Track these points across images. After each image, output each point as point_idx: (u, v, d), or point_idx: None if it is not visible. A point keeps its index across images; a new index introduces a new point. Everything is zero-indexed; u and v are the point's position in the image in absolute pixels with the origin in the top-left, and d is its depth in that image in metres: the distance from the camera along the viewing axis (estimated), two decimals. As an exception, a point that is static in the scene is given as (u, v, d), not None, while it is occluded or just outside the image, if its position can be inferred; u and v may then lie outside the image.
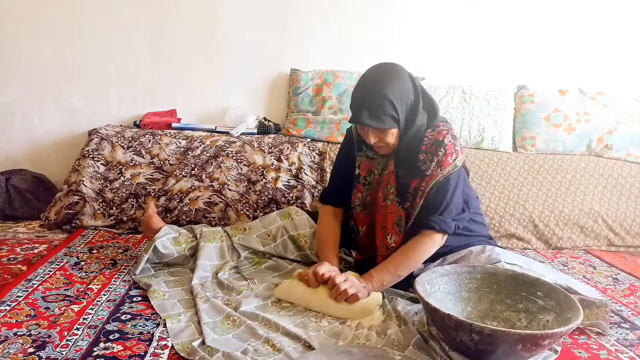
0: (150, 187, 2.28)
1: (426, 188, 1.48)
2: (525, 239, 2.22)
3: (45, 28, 2.60)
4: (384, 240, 1.56)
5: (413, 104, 1.50)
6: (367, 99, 1.46)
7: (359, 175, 1.66)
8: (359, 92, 1.50)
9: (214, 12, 2.67)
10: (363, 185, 1.65)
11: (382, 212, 1.58)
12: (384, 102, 1.44)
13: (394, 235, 1.54)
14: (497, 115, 2.62)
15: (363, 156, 1.66)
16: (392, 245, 1.54)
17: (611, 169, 2.41)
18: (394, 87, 1.46)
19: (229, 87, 2.75)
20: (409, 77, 1.51)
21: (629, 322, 1.50)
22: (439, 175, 1.47)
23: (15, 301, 1.43)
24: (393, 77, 1.48)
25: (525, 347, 1.11)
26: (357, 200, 1.66)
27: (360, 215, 1.66)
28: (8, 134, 2.67)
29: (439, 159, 1.47)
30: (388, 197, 1.56)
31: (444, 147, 1.48)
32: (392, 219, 1.55)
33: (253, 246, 1.77)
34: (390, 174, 1.57)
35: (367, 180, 1.64)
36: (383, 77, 1.48)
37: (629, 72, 2.83)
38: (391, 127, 1.47)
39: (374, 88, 1.46)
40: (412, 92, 1.50)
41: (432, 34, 2.74)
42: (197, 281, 1.59)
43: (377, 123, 1.45)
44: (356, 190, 1.66)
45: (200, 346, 1.22)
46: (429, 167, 1.49)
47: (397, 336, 1.29)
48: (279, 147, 2.38)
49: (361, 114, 1.46)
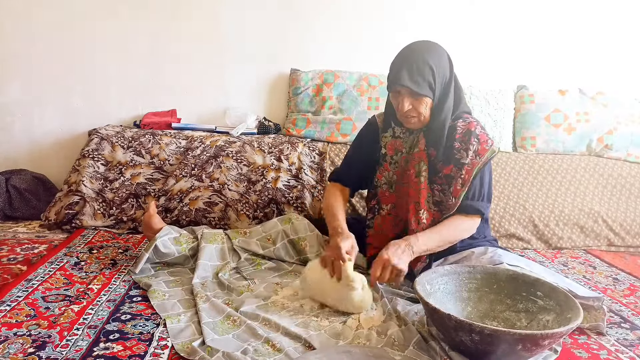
0: (150, 187, 2.28)
1: (468, 177, 1.53)
2: (525, 239, 2.22)
3: (45, 28, 2.60)
4: (417, 215, 1.58)
5: (447, 82, 1.56)
6: (408, 61, 1.51)
7: (386, 154, 1.69)
8: (401, 56, 1.55)
9: (214, 12, 2.67)
10: (390, 164, 1.68)
11: (415, 188, 1.60)
12: (424, 67, 1.50)
13: (426, 211, 1.57)
14: (497, 115, 2.62)
15: (389, 136, 1.69)
16: (424, 221, 1.57)
17: (611, 169, 2.41)
18: (435, 57, 1.53)
19: (229, 87, 2.75)
20: (447, 56, 1.58)
21: (629, 322, 1.50)
22: (479, 162, 1.54)
23: (15, 301, 1.43)
24: (435, 50, 1.55)
25: (525, 347, 1.11)
26: (383, 178, 1.69)
27: (385, 194, 1.69)
28: (8, 134, 2.67)
29: (475, 148, 1.54)
30: (421, 174, 1.60)
31: (476, 137, 1.55)
32: (425, 195, 1.58)
33: (253, 249, 1.77)
34: (421, 152, 1.60)
35: (393, 159, 1.68)
36: (425, 47, 1.55)
37: (629, 72, 2.83)
38: (427, 94, 1.51)
39: (416, 53, 1.52)
40: (449, 70, 1.57)
41: (432, 34, 2.71)
42: (198, 280, 1.59)
43: (415, 86, 1.49)
44: (382, 169, 1.69)
45: (200, 346, 1.22)
46: (464, 156, 1.54)
47: (398, 336, 1.29)
48: (279, 147, 2.38)
49: (401, 75, 1.50)
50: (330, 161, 2.35)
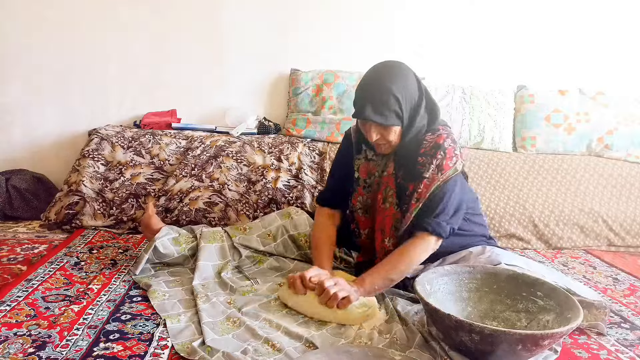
0: (150, 187, 2.28)
1: (425, 192, 1.45)
2: (525, 239, 2.22)
3: (45, 28, 2.60)
4: (382, 243, 1.55)
5: (416, 103, 1.49)
6: (372, 93, 1.44)
7: (359, 178, 1.63)
8: (364, 87, 1.48)
9: (214, 12, 2.67)
10: (363, 188, 1.63)
11: (381, 215, 1.56)
12: (388, 98, 1.43)
13: (392, 238, 1.53)
14: (497, 116, 2.62)
15: (362, 158, 1.64)
16: (390, 248, 1.52)
17: (611, 169, 2.41)
18: (399, 84, 1.45)
19: (229, 87, 2.75)
20: (413, 76, 1.50)
21: (629, 322, 1.50)
22: (439, 179, 1.45)
23: (15, 301, 1.43)
24: (398, 74, 1.47)
25: (525, 347, 1.11)
26: (357, 203, 1.64)
27: (361, 219, 1.64)
28: (8, 134, 2.67)
29: (438, 162, 1.46)
30: (387, 200, 1.55)
31: (443, 151, 1.46)
32: (390, 221, 1.53)
33: (253, 246, 1.77)
34: (389, 176, 1.56)
35: (367, 182, 1.63)
36: (388, 73, 1.46)
37: (629, 72, 2.83)
38: (394, 124, 1.45)
39: (379, 83, 1.45)
40: (417, 90, 1.49)
41: (432, 34, 2.74)
42: (198, 281, 1.59)
43: (380, 118, 1.43)
44: (356, 193, 1.64)
45: (200, 346, 1.22)
46: (427, 169, 1.47)
47: (401, 336, 1.29)
48: (279, 147, 2.38)
49: (365, 109, 1.44)
50: (330, 161, 2.35)
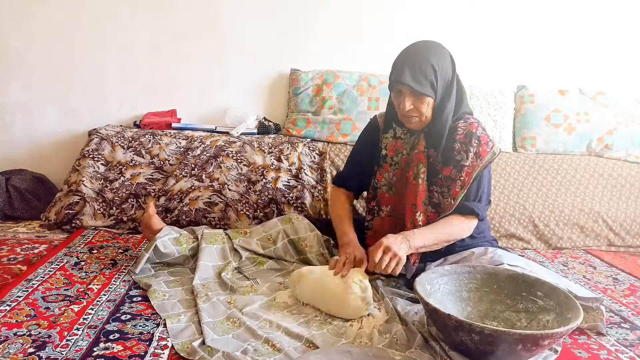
0: (150, 187, 2.28)
1: (468, 179, 1.52)
2: (525, 239, 2.22)
3: (45, 28, 2.60)
4: (413, 217, 1.57)
5: (449, 82, 1.55)
6: (411, 60, 1.50)
7: (386, 155, 1.68)
8: (403, 55, 1.54)
9: (215, 12, 2.67)
10: (390, 165, 1.67)
11: (413, 190, 1.59)
12: (426, 66, 1.48)
13: (422, 213, 1.56)
14: (497, 116, 2.62)
15: (389, 137, 1.69)
16: (419, 224, 1.55)
17: (611, 169, 2.41)
18: (438, 57, 1.52)
19: (229, 87, 2.75)
20: (450, 57, 1.57)
21: (629, 322, 1.50)
22: (479, 165, 1.52)
23: (15, 301, 1.43)
24: (437, 50, 1.54)
25: (525, 347, 1.11)
26: (383, 180, 1.68)
27: (385, 195, 1.68)
28: (8, 134, 2.66)
29: (475, 150, 1.53)
30: (419, 176, 1.58)
31: (477, 139, 1.53)
32: (422, 197, 1.57)
33: (253, 249, 1.77)
34: (420, 153, 1.59)
35: (394, 160, 1.67)
36: (428, 46, 1.54)
37: (629, 72, 2.83)
38: (429, 94, 1.50)
39: (418, 53, 1.51)
40: (451, 70, 1.56)
41: (433, 34, 2.71)
42: (199, 281, 1.59)
43: (417, 85, 1.48)
44: (382, 170, 1.69)
45: (200, 346, 1.22)
46: (464, 157, 1.53)
47: (401, 336, 1.29)
48: (279, 147, 2.38)
49: (403, 73, 1.48)
50: (330, 161, 2.35)
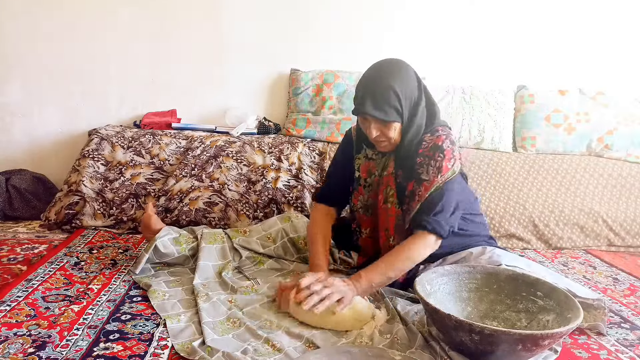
0: (150, 187, 2.28)
1: (424, 193, 1.45)
2: (525, 239, 2.22)
3: (45, 28, 2.60)
4: (387, 242, 1.55)
5: (416, 101, 1.49)
6: (372, 89, 1.46)
7: (359, 177, 1.64)
8: (364, 83, 1.49)
9: (215, 12, 2.67)
10: (364, 187, 1.64)
11: (384, 215, 1.57)
12: (388, 93, 1.44)
13: (395, 237, 1.53)
14: (497, 116, 2.62)
15: (362, 157, 1.65)
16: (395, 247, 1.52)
17: (611, 169, 2.41)
18: (400, 80, 1.46)
19: (229, 87, 2.75)
20: (414, 74, 1.51)
21: (629, 322, 1.50)
22: (438, 181, 1.45)
23: (15, 301, 1.43)
24: (399, 71, 1.48)
25: (525, 347, 1.11)
26: (358, 203, 1.65)
27: (363, 218, 1.65)
28: (8, 134, 2.67)
29: (438, 164, 1.46)
30: (388, 200, 1.55)
31: (442, 152, 1.47)
32: (393, 221, 1.54)
33: (253, 248, 1.77)
34: (389, 176, 1.56)
35: (367, 182, 1.63)
36: (389, 70, 1.48)
37: (629, 72, 2.83)
38: (394, 119, 1.46)
39: (379, 79, 1.46)
40: (417, 88, 1.50)
41: (433, 34, 2.73)
42: (199, 281, 1.59)
43: (380, 114, 1.44)
44: (357, 192, 1.65)
45: (200, 346, 1.22)
46: (426, 171, 1.47)
47: (402, 336, 1.29)
48: (279, 147, 2.38)
49: (365, 104, 1.45)
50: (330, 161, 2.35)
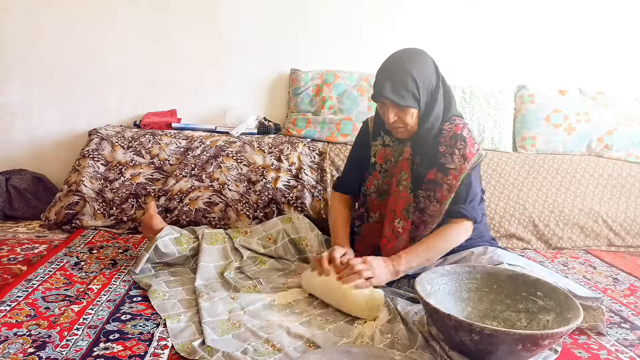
0: (150, 187, 2.28)
1: (455, 182, 1.50)
2: (525, 239, 2.22)
3: (45, 28, 2.60)
4: (392, 223, 1.58)
5: (434, 89, 1.53)
6: (391, 74, 1.50)
7: (375, 163, 1.68)
8: (383, 68, 1.54)
9: (214, 12, 2.67)
10: (379, 172, 1.67)
11: (395, 197, 1.60)
12: (407, 79, 1.48)
13: (402, 220, 1.56)
14: (497, 116, 2.62)
15: (379, 144, 1.68)
16: (399, 230, 1.55)
17: (611, 169, 2.41)
18: (418, 67, 1.50)
19: (229, 87, 2.75)
20: (432, 63, 1.55)
21: (629, 322, 1.50)
22: (466, 167, 1.50)
23: (15, 301, 1.43)
24: (418, 59, 1.52)
25: (525, 347, 1.11)
26: (372, 187, 1.68)
27: (374, 202, 1.67)
28: (8, 134, 2.67)
29: (461, 152, 1.51)
30: (401, 183, 1.58)
31: (463, 140, 1.52)
32: (403, 204, 1.57)
33: (254, 248, 1.78)
34: (404, 161, 1.59)
35: (383, 167, 1.67)
36: (408, 57, 1.52)
37: (629, 72, 2.83)
38: (411, 105, 1.49)
39: (398, 65, 1.50)
40: (435, 77, 1.54)
41: (433, 34, 2.73)
42: (201, 282, 1.59)
43: (398, 98, 1.48)
44: (372, 177, 1.68)
45: (200, 346, 1.22)
46: (450, 160, 1.51)
47: (403, 336, 1.29)
48: (279, 147, 2.38)
49: (383, 88, 1.48)
50: (331, 161, 2.35)
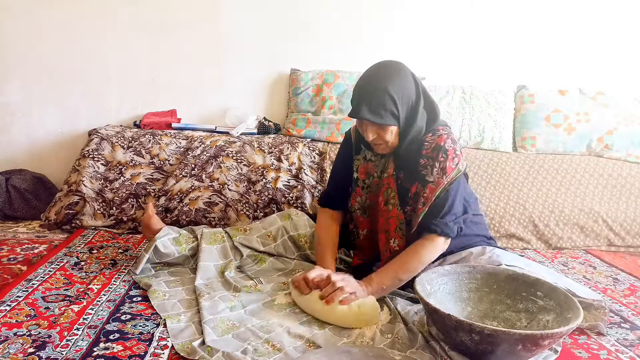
0: (150, 187, 2.28)
1: (431, 195, 1.45)
2: (525, 239, 2.22)
3: (45, 28, 2.60)
4: (387, 244, 1.55)
5: (414, 103, 1.48)
6: (368, 93, 1.45)
7: (358, 178, 1.64)
8: (360, 87, 1.49)
9: (215, 12, 2.67)
10: (362, 188, 1.63)
11: (384, 217, 1.56)
12: (384, 97, 1.43)
13: (396, 239, 1.53)
14: (497, 116, 2.62)
15: (361, 159, 1.64)
16: (396, 249, 1.52)
17: (611, 169, 2.41)
18: (396, 83, 1.44)
19: (229, 87, 2.75)
20: (411, 76, 1.50)
21: (629, 322, 1.50)
22: (444, 182, 1.45)
23: (15, 301, 1.43)
24: (395, 74, 1.46)
25: (525, 347, 1.11)
26: (356, 204, 1.65)
27: (360, 219, 1.65)
28: (8, 134, 2.67)
29: (441, 164, 1.46)
30: (389, 202, 1.55)
31: (445, 152, 1.46)
32: (395, 223, 1.53)
33: (254, 246, 1.77)
34: (390, 177, 1.56)
35: (365, 183, 1.63)
36: (385, 73, 1.46)
37: (629, 72, 2.83)
38: (390, 123, 1.45)
39: (375, 83, 1.45)
40: (414, 90, 1.49)
41: (433, 34, 2.73)
42: (202, 281, 1.59)
43: (376, 118, 1.43)
44: (355, 194, 1.65)
45: (200, 346, 1.22)
46: (430, 172, 1.47)
47: (403, 336, 1.29)
48: (279, 147, 2.38)
49: (361, 108, 1.44)
50: (330, 161, 2.35)
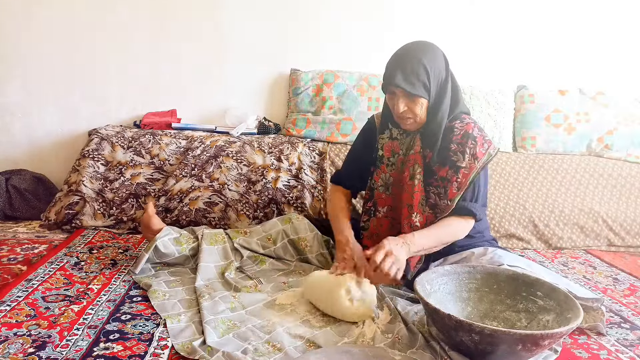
0: (150, 187, 2.28)
1: (465, 181, 1.52)
2: (525, 239, 2.22)
3: (45, 28, 2.60)
4: (409, 218, 1.57)
5: (444, 81, 1.55)
6: (403, 62, 1.50)
7: (382, 156, 1.68)
8: (395, 57, 1.54)
9: (215, 12, 2.67)
10: (387, 166, 1.67)
11: (409, 191, 1.59)
12: (418, 67, 1.49)
13: (419, 214, 1.56)
14: (497, 116, 2.62)
15: (386, 138, 1.68)
16: (417, 225, 1.55)
17: (611, 169, 2.41)
18: (430, 57, 1.51)
19: (229, 87, 2.75)
20: (442, 55, 1.56)
21: (629, 322, 1.50)
22: (476, 167, 1.52)
23: (15, 301, 1.43)
24: (430, 49, 1.54)
25: (525, 347, 1.11)
26: (380, 180, 1.68)
27: (382, 196, 1.68)
28: (8, 134, 2.66)
29: (472, 151, 1.52)
30: (415, 177, 1.58)
31: (473, 139, 1.53)
32: (418, 197, 1.57)
33: (253, 248, 1.78)
34: (417, 154, 1.59)
35: (390, 161, 1.67)
36: (419, 47, 1.54)
37: (629, 72, 2.83)
38: (421, 95, 1.50)
39: (410, 54, 1.52)
40: (444, 68, 1.55)
41: (433, 34, 2.71)
42: (202, 282, 1.59)
43: (409, 86, 1.48)
44: (379, 170, 1.68)
45: (201, 346, 1.22)
46: (461, 159, 1.53)
47: (404, 336, 1.29)
48: (279, 147, 2.38)
49: (395, 76, 1.49)
50: (331, 161, 2.35)
